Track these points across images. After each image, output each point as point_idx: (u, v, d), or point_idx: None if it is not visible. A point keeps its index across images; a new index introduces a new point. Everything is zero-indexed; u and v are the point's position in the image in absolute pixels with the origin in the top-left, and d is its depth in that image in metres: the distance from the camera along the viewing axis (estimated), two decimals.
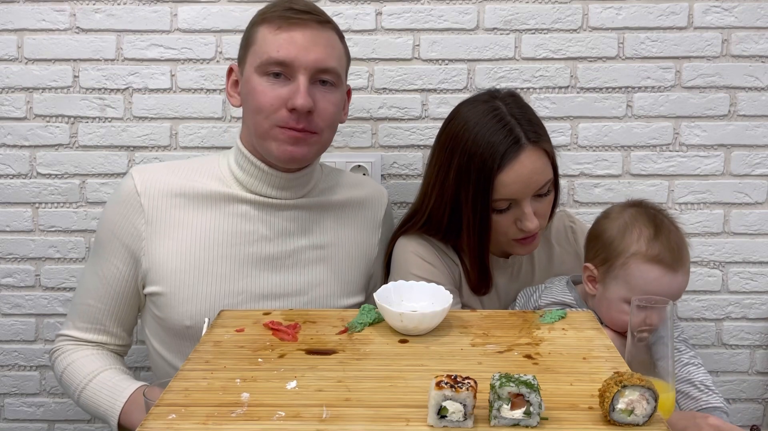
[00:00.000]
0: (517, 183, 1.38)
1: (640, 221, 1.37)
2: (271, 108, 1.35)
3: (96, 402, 1.39)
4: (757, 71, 1.76)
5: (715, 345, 1.86)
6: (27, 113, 1.78)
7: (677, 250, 1.35)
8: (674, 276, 1.34)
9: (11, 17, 1.75)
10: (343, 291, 1.48)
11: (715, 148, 1.79)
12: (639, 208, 1.41)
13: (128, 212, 1.41)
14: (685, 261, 1.36)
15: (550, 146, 1.43)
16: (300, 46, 1.34)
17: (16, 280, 1.84)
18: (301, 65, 1.34)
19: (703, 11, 1.75)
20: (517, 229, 1.42)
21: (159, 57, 1.77)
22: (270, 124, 1.36)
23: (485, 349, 1.11)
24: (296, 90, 1.34)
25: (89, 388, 1.41)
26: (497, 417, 0.88)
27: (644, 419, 0.88)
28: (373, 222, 1.56)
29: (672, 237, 1.36)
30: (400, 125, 1.79)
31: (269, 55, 1.34)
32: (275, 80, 1.35)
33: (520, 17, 1.75)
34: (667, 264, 1.33)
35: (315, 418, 0.90)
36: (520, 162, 1.37)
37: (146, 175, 1.43)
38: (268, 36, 1.35)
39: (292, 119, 1.35)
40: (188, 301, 1.38)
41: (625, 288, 1.36)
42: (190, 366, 1.05)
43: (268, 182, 1.42)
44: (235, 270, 1.40)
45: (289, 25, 1.35)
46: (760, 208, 1.81)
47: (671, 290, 1.34)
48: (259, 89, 1.35)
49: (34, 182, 1.81)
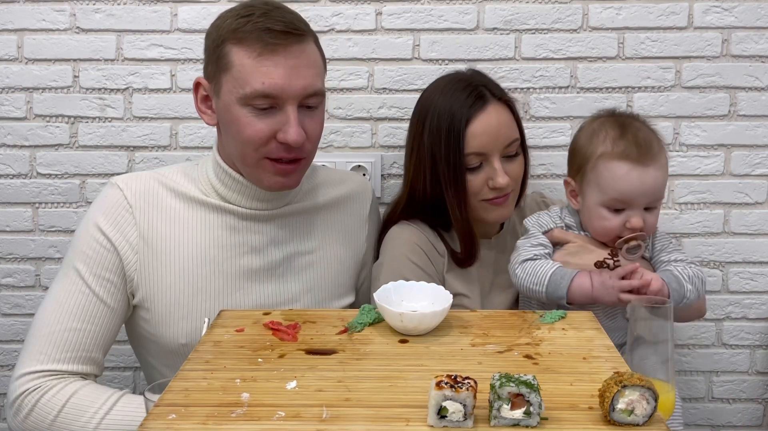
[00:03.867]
0: (485, 134, 1.46)
1: (607, 125, 1.40)
2: (260, 141, 1.29)
3: (132, 416, 1.24)
4: (757, 71, 1.76)
5: (715, 345, 1.86)
6: (27, 113, 1.78)
7: (645, 145, 1.34)
8: (644, 170, 1.33)
9: (11, 17, 1.75)
10: (334, 293, 1.48)
11: (715, 148, 1.79)
12: (608, 115, 1.44)
13: (120, 223, 1.35)
14: (656, 156, 1.35)
15: (514, 106, 1.53)
16: (285, 75, 1.27)
17: (16, 280, 1.84)
18: (288, 96, 1.28)
19: (703, 11, 1.75)
20: (488, 189, 1.49)
21: (159, 57, 1.77)
22: (259, 156, 1.31)
23: (485, 349, 1.11)
24: (286, 122, 1.28)
25: (119, 406, 1.27)
26: (497, 417, 0.88)
27: (644, 419, 0.88)
28: (360, 218, 1.55)
29: (639, 135, 1.36)
30: (400, 125, 1.79)
31: (253, 88, 1.26)
32: (260, 111, 1.28)
33: (520, 17, 1.75)
34: (634, 159, 1.33)
35: (315, 418, 0.90)
36: (487, 113, 1.47)
37: (133, 186, 1.37)
38: (248, 63, 1.26)
39: (283, 150, 1.30)
40: (183, 319, 1.36)
41: (598, 190, 1.37)
42: (190, 366, 1.05)
43: (251, 196, 1.39)
44: (227, 284, 1.38)
45: (270, 53, 1.26)
46: (760, 207, 1.81)
47: (643, 186, 1.33)
48: (244, 121, 1.28)
49: (34, 182, 1.81)
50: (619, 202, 1.35)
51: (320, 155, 1.67)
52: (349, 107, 1.78)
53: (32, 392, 1.28)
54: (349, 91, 1.78)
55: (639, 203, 1.35)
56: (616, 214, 1.37)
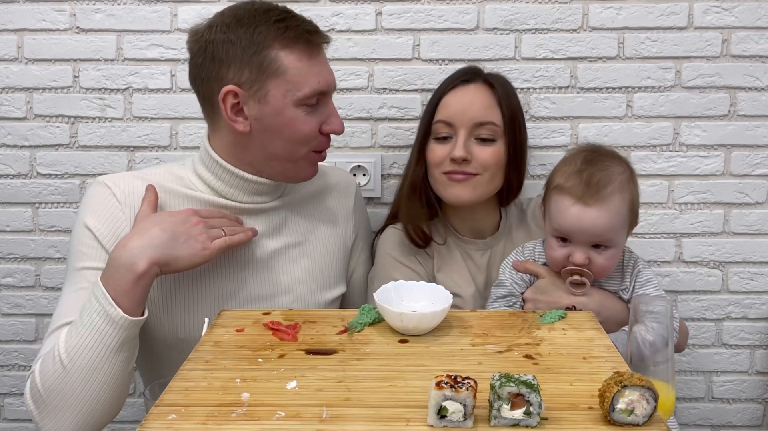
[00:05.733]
0: (456, 105, 1.52)
1: (577, 158, 1.40)
2: (312, 136, 1.37)
3: (82, 327, 1.21)
4: (757, 71, 1.76)
5: (715, 345, 1.86)
6: (27, 113, 1.78)
7: (595, 185, 1.34)
8: (584, 209, 1.33)
9: (11, 17, 1.75)
10: (325, 284, 1.49)
11: (715, 148, 1.79)
12: (585, 149, 1.43)
13: (111, 221, 1.34)
14: (604, 198, 1.34)
15: (506, 100, 1.53)
16: (328, 71, 1.38)
17: (16, 280, 1.84)
18: (330, 90, 1.39)
19: (703, 11, 1.75)
20: (449, 162, 1.51)
21: (159, 57, 1.77)
22: (307, 150, 1.38)
23: (485, 349, 1.11)
24: (330, 114, 1.39)
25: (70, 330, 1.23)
26: (497, 417, 0.88)
27: (644, 419, 0.88)
28: (345, 208, 1.57)
29: (597, 175, 1.35)
30: (400, 125, 1.79)
31: (312, 88, 1.33)
32: (311, 108, 1.36)
33: (520, 17, 1.75)
34: (577, 196, 1.34)
35: (315, 418, 0.90)
36: (466, 89, 1.54)
37: (121, 184, 1.37)
38: (301, 66, 1.32)
39: (326, 141, 1.41)
40: (180, 313, 1.37)
41: (549, 219, 1.40)
42: (190, 366, 1.05)
43: (248, 190, 1.41)
44: (223, 277, 1.39)
45: (316, 53, 1.36)
46: (760, 208, 1.81)
47: (581, 223, 1.34)
48: (301, 120, 1.35)
49: (34, 182, 1.81)
50: (563, 234, 1.38)
51: None
52: (349, 107, 1.78)
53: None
54: (349, 91, 1.78)
55: (579, 239, 1.36)
56: (563, 246, 1.38)
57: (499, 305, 1.45)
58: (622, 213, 1.36)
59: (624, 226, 1.38)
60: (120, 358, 1.22)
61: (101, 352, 1.20)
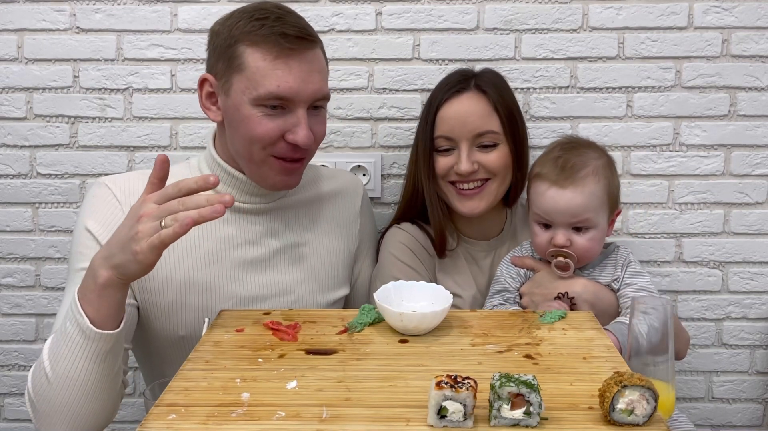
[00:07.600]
0: (454, 119, 1.52)
1: (554, 149, 1.47)
2: (269, 140, 1.32)
3: (59, 339, 1.17)
4: (757, 71, 1.76)
5: (715, 345, 1.86)
6: (27, 113, 1.78)
7: (569, 169, 1.41)
8: (560, 191, 1.39)
9: (11, 17, 1.75)
10: (327, 285, 1.49)
11: (715, 148, 1.79)
12: (564, 140, 1.51)
13: (112, 222, 1.31)
14: (578, 180, 1.40)
15: (502, 103, 1.52)
16: (298, 79, 1.30)
17: (16, 280, 1.84)
18: (300, 99, 1.31)
19: (703, 11, 1.75)
20: (454, 173, 1.53)
21: (159, 57, 1.77)
22: (266, 154, 1.33)
23: (485, 349, 1.11)
24: (296, 124, 1.32)
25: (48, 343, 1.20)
26: (497, 417, 0.88)
27: (644, 419, 0.88)
28: (351, 212, 1.57)
29: (571, 160, 1.42)
30: (400, 125, 1.79)
31: (268, 90, 1.29)
32: (271, 111, 1.31)
33: (520, 17, 1.75)
34: (552, 180, 1.40)
35: (315, 418, 0.90)
36: (460, 100, 1.53)
37: (121, 184, 1.37)
38: (262, 66, 1.29)
39: (290, 149, 1.34)
40: (181, 311, 1.37)
41: (531, 206, 1.46)
42: (190, 366, 1.05)
43: (247, 191, 1.41)
44: (223, 275, 1.39)
45: (285, 57, 1.29)
46: (760, 208, 1.81)
47: (557, 204, 1.40)
48: (255, 120, 1.31)
49: (34, 182, 1.81)
50: (543, 218, 1.43)
51: (320, 155, 1.68)
52: (349, 107, 1.78)
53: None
54: (349, 91, 1.78)
55: (559, 221, 1.41)
56: (545, 231, 1.44)
57: (495, 300, 1.48)
58: (597, 194, 1.41)
59: (602, 208, 1.42)
60: (100, 368, 1.17)
61: (79, 363, 1.16)
